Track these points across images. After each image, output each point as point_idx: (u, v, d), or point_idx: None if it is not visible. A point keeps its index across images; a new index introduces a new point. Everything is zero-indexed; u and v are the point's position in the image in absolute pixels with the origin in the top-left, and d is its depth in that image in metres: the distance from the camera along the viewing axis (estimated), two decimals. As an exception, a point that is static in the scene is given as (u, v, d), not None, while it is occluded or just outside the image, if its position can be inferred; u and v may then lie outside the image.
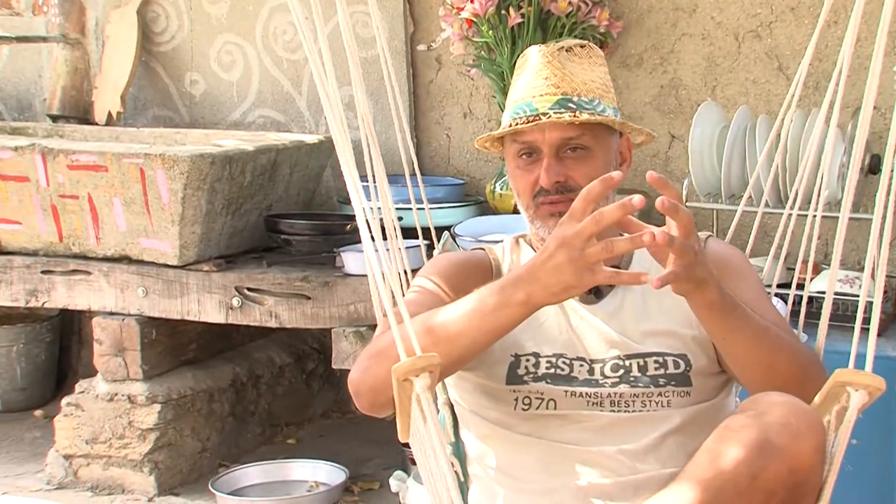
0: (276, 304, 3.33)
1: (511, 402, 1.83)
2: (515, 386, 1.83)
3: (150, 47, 4.28)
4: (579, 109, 1.83)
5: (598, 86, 1.89)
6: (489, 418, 1.86)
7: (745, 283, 1.89)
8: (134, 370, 3.46)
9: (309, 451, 3.74)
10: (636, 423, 1.79)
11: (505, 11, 3.42)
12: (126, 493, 3.48)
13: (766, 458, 1.53)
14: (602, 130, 1.87)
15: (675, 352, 1.83)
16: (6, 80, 4.54)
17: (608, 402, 1.80)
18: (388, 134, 3.93)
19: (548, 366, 1.83)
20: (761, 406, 1.60)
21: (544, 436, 1.81)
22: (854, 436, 2.96)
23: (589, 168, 1.84)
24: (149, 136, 3.99)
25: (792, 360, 1.73)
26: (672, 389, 1.81)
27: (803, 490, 1.58)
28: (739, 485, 1.52)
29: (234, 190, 3.43)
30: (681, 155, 3.58)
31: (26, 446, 3.92)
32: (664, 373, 1.82)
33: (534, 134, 1.85)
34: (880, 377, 1.55)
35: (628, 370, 1.82)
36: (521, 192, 1.90)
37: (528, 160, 1.88)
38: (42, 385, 4.30)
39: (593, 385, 1.81)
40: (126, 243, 3.45)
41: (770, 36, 3.44)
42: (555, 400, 1.81)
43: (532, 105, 1.85)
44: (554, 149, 1.84)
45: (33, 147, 3.49)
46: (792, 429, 1.55)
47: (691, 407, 1.81)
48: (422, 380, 1.52)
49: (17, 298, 3.64)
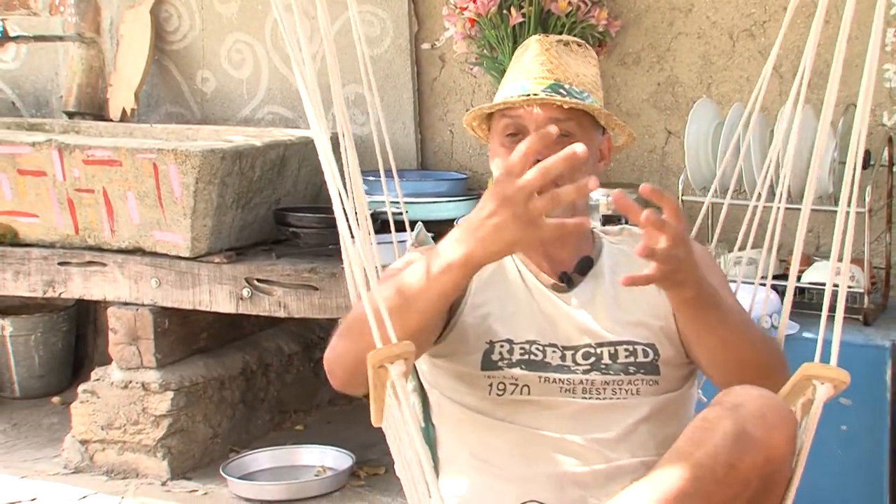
0: (284, 294, 3.33)
1: (486, 388, 1.82)
2: (490, 371, 1.81)
3: (162, 46, 4.28)
4: (570, 96, 1.83)
5: (590, 81, 1.88)
6: (464, 403, 1.85)
7: (708, 278, 1.90)
8: (147, 358, 3.47)
9: (316, 437, 3.74)
10: (607, 411, 1.79)
11: (506, 11, 3.42)
12: (140, 477, 3.48)
13: (743, 448, 1.53)
14: (588, 122, 1.86)
15: (645, 341, 1.83)
16: (24, 78, 4.55)
17: (580, 388, 1.80)
18: (393, 130, 3.93)
19: (521, 352, 1.82)
20: (736, 398, 1.59)
21: (518, 421, 1.80)
22: (844, 422, 2.98)
23: None
24: (162, 132, 4.00)
25: (760, 354, 1.74)
26: (641, 378, 1.81)
27: (775, 479, 1.59)
28: (717, 474, 1.52)
29: (244, 184, 3.43)
30: (677, 150, 3.57)
31: (44, 432, 3.93)
32: (634, 361, 1.82)
33: (522, 113, 1.84)
34: (845, 371, 1.55)
35: (599, 358, 1.82)
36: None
37: (512, 139, 1.85)
38: (59, 373, 4.30)
39: (566, 371, 1.81)
40: (140, 236, 3.45)
41: (763, 35, 3.43)
42: (528, 385, 1.80)
43: (525, 86, 1.85)
44: (540, 128, 1.83)
45: (50, 143, 3.49)
46: (767, 420, 1.55)
47: (659, 396, 1.81)
48: (397, 367, 1.49)
49: (34, 289, 3.65)
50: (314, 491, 3.33)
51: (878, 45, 1.51)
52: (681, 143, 3.46)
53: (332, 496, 3.33)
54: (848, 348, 3.00)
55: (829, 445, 2.82)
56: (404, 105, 3.89)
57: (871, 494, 2.81)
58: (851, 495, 2.82)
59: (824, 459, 2.83)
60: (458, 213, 3.38)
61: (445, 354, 1.85)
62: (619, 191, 1.58)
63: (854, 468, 2.81)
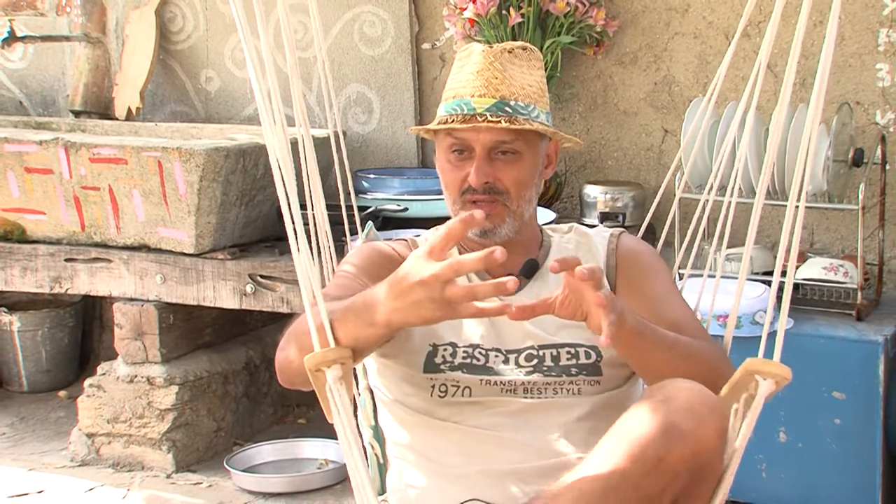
0: (287, 290, 3.33)
1: (428, 389, 1.82)
2: (432, 374, 1.81)
3: (167, 46, 4.27)
4: (515, 114, 1.81)
5: (535, 90, 1.85)
6: (408, 405, 1.85)
7: (654, 279, 1.89)
8: (153, 353, 3.47)
9: (319, 431, 3.74)
10: (548, 409, 1.79)
11: (506, 11, 3.41)
12: (145, 469, 3.48)
13: (672, 440, 1.51)
14: (533, 136, 1.85)
15: (587, 343, 1.82)
16: (31, 78, 4.55)
17: (521, 389, 1.80)
18: (394, 129, 3.92)
19: (464, 356, 1.82)
20: (667, 391, 1.58)
21: (461, 421, 1.79)
22: (837, 415, 2.99)
23: (517, 172, 1.83)
24: (166, 131, 3.99)
25: (700, 366, 1.71)
26: (583, 378, 1.81)
27: (704, 472, 1.56)
28: (646, 466, 1.51)
29: (248, 182, 3.43)
30: (673, 148, 3.57)
31: (51, 425, 3.93)
32: (576, 363, 1.81)
33: (468, 133, 1.82)
34: (787, 367, 1.53)
35: (542, 360, 1.81)
36: (450, 186, 1.87)
37: (459, 156, 1.85)
38: (66, 367, 4.30)
39: (508, 374, 1.80)
40: (145, 233, 3.45)
41: (759, 35, 3.42)
42: (470, 388, 1.80)
43: (470, 104, 1.82)
44: (486, 150, 1.82)
45: (57, 141, 3.49)
46: (696, 413, 1.53)
47: (601, 395, 1.81)
48: (333, 371, 1.51)
49: (41, 285, 3.65)
50: (317, 483, 3.33)
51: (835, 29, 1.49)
52: (677, 141, 3.45)
53: (335, 489, 3.33)
54: (842, 343, 3.02)
55: (822, 439, 2.82)
56: (405, 104, 3.89)
57: (863, 487, 2.81)
58: (844, 488, 2.82)
59: (818, 452, 2.83)
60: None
61: (391, 355, 1.85)
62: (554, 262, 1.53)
63: (847, 461, 2.81)
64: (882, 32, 3.28)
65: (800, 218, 1.54)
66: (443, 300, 1.43)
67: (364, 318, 1.53)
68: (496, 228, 1.85)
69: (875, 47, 3.28)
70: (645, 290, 1.86)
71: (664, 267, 1.95)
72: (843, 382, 2.80)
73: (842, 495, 2.83)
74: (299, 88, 1.72)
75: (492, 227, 1.85)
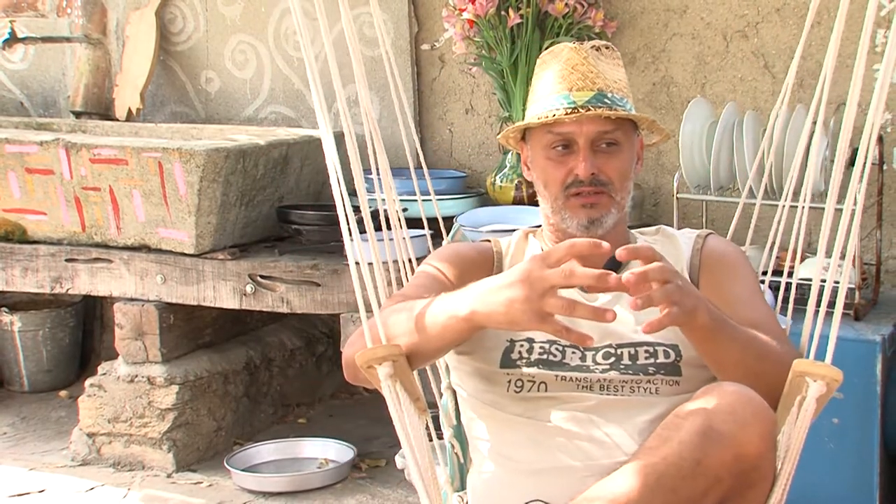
0: (287, 290, 3.33)
1: (504, 384, 1.82)
2: (509, 370, 1.82)
3: (167, 47, 4.27)
4: (614, 105, 1.82)
5: (624, 85, 1.88)
6: (484, 400, 1.85)
7: (737, 281, 1.87)
8: (153, 353, 3.47)
9: (319, 430, 3.74)
10: (624, 407, 1.78)
11: (504, 12, 3.41)
12: (146, 469, 3.48)
13: (710, 443, 1.51)
14: (629, 128, 1.87)
15: (667, 342, 1.81)
16: (32, 79, 4.54)
17: (597, 385, 1.79)
18: (393, 129, 3.92)
19: (541, 351, 1.81)
20: (711, 394, 1.58)
21: (535, 416, 1.79)
22: (835, 415, 2.98)
23: (619, 162, 1.85)
24: (166, 132, 3.99)
25: (776, 366, 1.69)
26: (661, 378, 1.79)
27: (752, 477, 1.56)
28: (682, 469, 1.50)
29: (248, 182, 3.43)
30: (672, 149, 3.57)
31: (52, 425, 3.93)
32: (654, 362, 1.80)
33: (571, 126, 1.83)
34: (837, 369, 1.52)
35: (619, 358, 1.80)
36: (551, 182, 1.87)
37: (562, 152, 1.85)
38: (66, 367, 4.30)
39: (584, 371, 1.80)
40: (145, 233, 3.45)
41: (756, 36, 3.43)
42: (546, 383, 1.80)
43: (570, 98, 1.83)
44: (590, 141, 1.83)
45: (58, 142, 3.49)
46: (737, 416, 1.53)
47: (678, 396, 1.78)
48: (384, 368, 1.54)
49: (42, 285, 3.65)
50: (316, 483, 3.33)
51: (867, 47, 1.50)
52: (675, 141, 3.45)
53: (335, 488, 3.33)
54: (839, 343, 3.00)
55: (820, 438, 2.82)
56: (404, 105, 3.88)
57: (861, 486, 2.81)
58: (842, 487, 2.82)
59: (816, 452, 2.83)
60: (456, 210, 3.38)
61: (468, 352, 1.85)
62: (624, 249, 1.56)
63: (845, 460, 2.81)
64: (879, 33, 3.28)
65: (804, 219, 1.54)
66: (538, 305, 1.45)
67: (449, 309, 1.56)
68: (602, 218, 1.85)
69: (872, 48, 3.28)
70: (726, 289, 1.84)
71: (749, 269, 1.93)
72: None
73: (839, 494, 2.83)
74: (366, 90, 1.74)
75: (598, 216, 1.85)
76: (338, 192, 1.59)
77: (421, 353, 1.64)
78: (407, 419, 1.54)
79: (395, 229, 1.99)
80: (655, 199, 3.64)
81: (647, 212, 3.58)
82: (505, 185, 3.49)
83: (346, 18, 1.75)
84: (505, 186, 3.49)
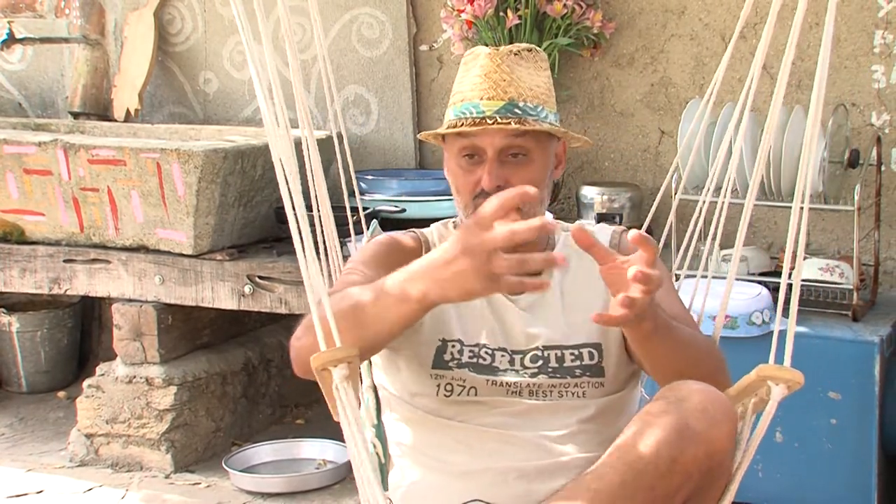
0: (285, 291, 3.33)
1: (434, 387, 1.81)
2: (440, 370, 1.81)
3: (166, 48, 4.27)
4: (524, 115, 1.79)
5: (543, 91, 1.84)
6: (413, 403, 1.85)
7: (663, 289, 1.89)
8: (151, 354, 3.47)
9: (317, 431, 3.74)
10: (553, 410, 1.79)
11: (503, 13, 3.41)
12: (144, 470, 3.48)
13: (686, 442, 1.53)
14: (543, 136, 1.84)
15: (591, 341, 1.82)
16: (30, 79, 4.54)
17: (527, 391, 1.80)
18: (392, 130, 3.92)
19: (471, 354, 1.81)
20: (679, 393, 1.60)
21: (466, 420, 1.80)
22: (833, 415, 2.99)
23: (529, 173, 1.81)
24: (165, 132, 3.99)
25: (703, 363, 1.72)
26: (587, 380, 1.81)
27: (716, 473, 1.59)
28: (660, 467, 1.53)
29: (246, 183, 3.43)
30: (670, 150, 3.57)
31: (50, 426, 3.93)
32: (580, 364, 1.81)
33: (478, 136, 1.81)
34: (800, 372, 1.54)
35: (547, 361, 1.81)
36: (461, 190, 1.87)
37: (469, 161, 1.84)
38: (65, 368, 4.30)
39: (513, 375, 1.80)
40: (143, 234, 3.45)
41: (755, 37, 3.43)
42: (476, 388, 1.80)
43: (479, 107, 1.81)
44: (497, 152, 1.80)
45: (56, 142, 3.49)
46: (709, 415, 1.55)
47: (604, 398, 1.81)
48: (340, 370, 1.50)
49: (40, 286, 3.64)
50: (315, 484, 3.33)
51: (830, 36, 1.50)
52: (674, 142, 3.46)
53: (333, 489, 3.33)
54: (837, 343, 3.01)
55: (818, 438, 2.82)
56: (403, 105, 3.88)
57: (859, 487, 2.81)
58: (840, 488, 2.82)
59: (814, 452, 2.83)
60: (453, 211, 3.37)
61: (397, 347, 1.83)
62: (577, 225, 1.57)
63: (843, 461, 2.81)
64: (878, 34, 3.28)
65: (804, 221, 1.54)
66: (487, 270, 1.42)
67: (397, 294, 1.52)
68: None
69: (871, 49, 3.28)
70: None
71: (663, 266, 1.95)
72: (838, 383, 2.80)
73: (838, 495, 2.83)
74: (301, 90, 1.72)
75: None
76: (286, 192, 1.56)
77: (370, 344, 1.61)
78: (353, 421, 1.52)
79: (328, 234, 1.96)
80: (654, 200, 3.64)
81: (645, 212, 3.57)
82: (503, 185, 3.49)
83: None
84: (503, 187, 3.49)
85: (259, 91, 1.52)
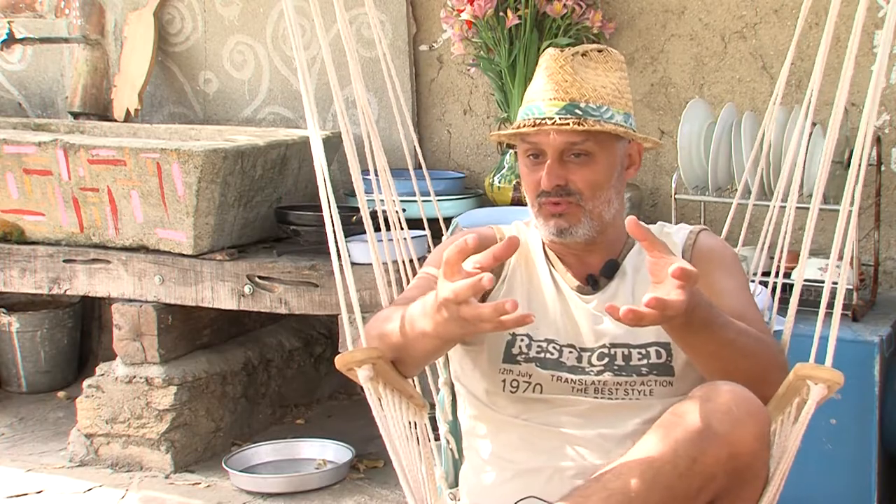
0: (285, 291, 3.33)
1: (500, 384, 1.83)
2: (508, 365, 1.83)
3: (165, 48, 4.27)
4: (585, 116, 1.81)
5: (609, 91, 1.85)
6: (481, 399, 1.87)
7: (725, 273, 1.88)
8: (151, 354, 3.47)
9: (317, 431, 3.74)
10: (618, 410, 1.79)
11: (503, 13, 3.41)
12: (144, 470, 3.48)
13: (706, 442, 1.53)
14: (607, 136, 1.84)
15: (660, 340, 1.82)
16: (30, 79, 4.54)
17: (592, 388, 1.80)
18: (391, 130, 3.92)
19: (538, 349, 1.83)
20: (706, 393, 1.60)
21: (530, 418, 1.81)
22: (833, 415, 2.98)
23: (590, 173, 1.83)
24: (165, 132, 3.99)
25: (756, 365, 1.70)
26: (654, 379, 1.81)
27: (744, 475, 1.57)
28: (679, 467, 1.52)
29: (246, 183, 3.43)
30: (670, 150, 3.57)
31: (50, 426, 3.93)
32: (647, 363, 1.81)
33: (539, 137, 1.83)
34: (839, 371, 1.53)
35: (613, 359, 1.82)
36: (528, 189, 1.90)
37: (534, 161, 1.87)
38: (64, 368, 4.30)
39: (579, 372, 1.81)
40: (143, 234, 3.45)
41: (755, 37, 3.43)
42: (541, 384, 1.81)
43: (540, 109, 1.83)
44: (557, 153, 1.82)
45: (56, 142, 3.49)
46: (733, 415, 1.55)
47: (674, 398, 1.79)
48: (364, 371, 1.56)
49: (40, 286, 3.64)
50: (314, 484, 3.33)
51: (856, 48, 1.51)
52: (674, 142, 3.45)
53: (333, 489, 3.33)
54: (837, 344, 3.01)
55: (818, 438, 2.82)
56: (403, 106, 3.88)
57: (859, 487, 2.81)
58: (840, 488, 2.83)
59: (814, 452, 2.83)
60: (454, 211, 3.38)
61: (473, 342, 1.87)
62: (631, 218, 1.57)
63: (843, 461, 2.81)
64: (877, 35, 3.28)
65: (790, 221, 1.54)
66: (461, 319, 1.49)
67: (420, 328, 1.61)
68: (571, 228, 1.85)
69: (870, 49, 3.28)
70: (713, 281, 1.84)
71: (738, 266, 1.94)
72: (838, 383, 2.80)
73: (837, 495, 2.83)
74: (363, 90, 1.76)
75: (567, 226, 1.85)
76: (324, 193, 1.61)
77: (411, 361, 1.70)
78: (390, 421, 1.55)
79: (395, 230, 2.00)
80: (654, 200, 3.65)
81: (645, 212, 3.58)
82: (503, 185, 3.49)
83: (342, 19, 1.75)
84: (503, 187, 3.49)
85: (305, 97, 1.55)
